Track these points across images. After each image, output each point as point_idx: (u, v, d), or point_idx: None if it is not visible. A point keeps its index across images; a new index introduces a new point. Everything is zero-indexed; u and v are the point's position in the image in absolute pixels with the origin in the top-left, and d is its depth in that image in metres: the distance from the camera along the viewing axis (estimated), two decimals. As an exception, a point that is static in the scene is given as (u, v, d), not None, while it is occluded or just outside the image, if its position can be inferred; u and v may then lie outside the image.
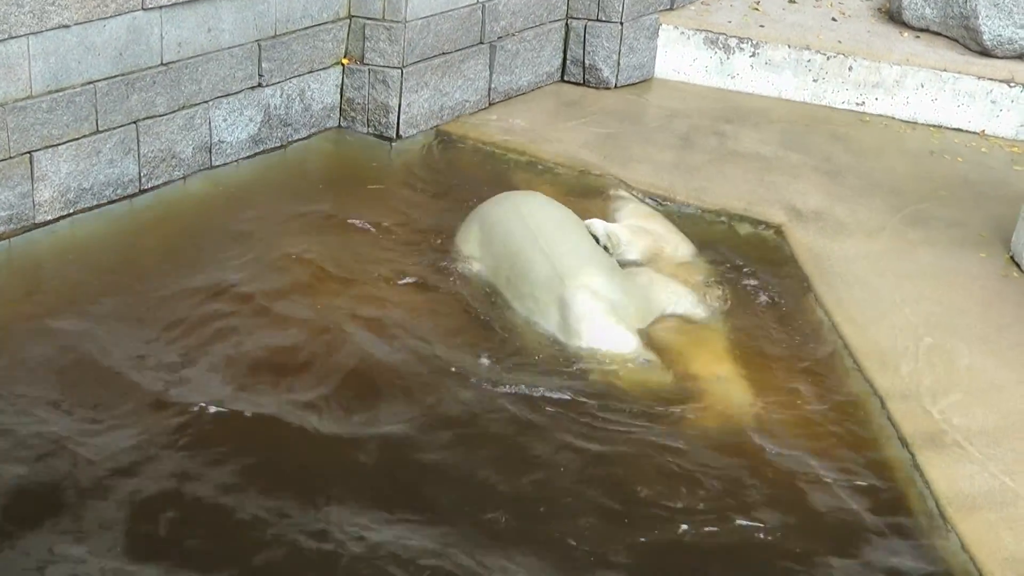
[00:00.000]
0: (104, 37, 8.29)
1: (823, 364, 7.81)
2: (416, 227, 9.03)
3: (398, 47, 9.95)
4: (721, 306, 8.25)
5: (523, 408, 7.11)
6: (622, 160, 10.11)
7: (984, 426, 7.12)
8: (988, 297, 8.49)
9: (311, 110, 9.98)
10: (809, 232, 9.22)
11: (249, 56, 9.31)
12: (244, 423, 6.83)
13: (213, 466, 6.49)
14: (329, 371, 7.34)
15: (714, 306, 8.21)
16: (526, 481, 6.60)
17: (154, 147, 8.82)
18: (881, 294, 8.44)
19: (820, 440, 7.08)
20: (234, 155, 9.46)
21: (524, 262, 8.15)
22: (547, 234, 8.25)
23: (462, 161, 10.24)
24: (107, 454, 6.48)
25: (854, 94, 11.61)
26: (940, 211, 9.70)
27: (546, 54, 11.48)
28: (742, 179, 10.01)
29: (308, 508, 6.26)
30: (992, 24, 11.49)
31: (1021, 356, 7.83)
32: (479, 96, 10.90)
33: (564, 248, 8.18)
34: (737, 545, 6.28)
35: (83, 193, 8.46)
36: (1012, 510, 6.47)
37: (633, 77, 11.85)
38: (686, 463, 6.81)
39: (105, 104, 8.41)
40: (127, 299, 7.83)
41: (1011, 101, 11.27)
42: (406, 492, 6.46)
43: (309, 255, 8.44)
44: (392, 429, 6.89)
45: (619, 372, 7.52)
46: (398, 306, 8.00)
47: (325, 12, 9.81)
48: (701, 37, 11.88)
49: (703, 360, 7.70)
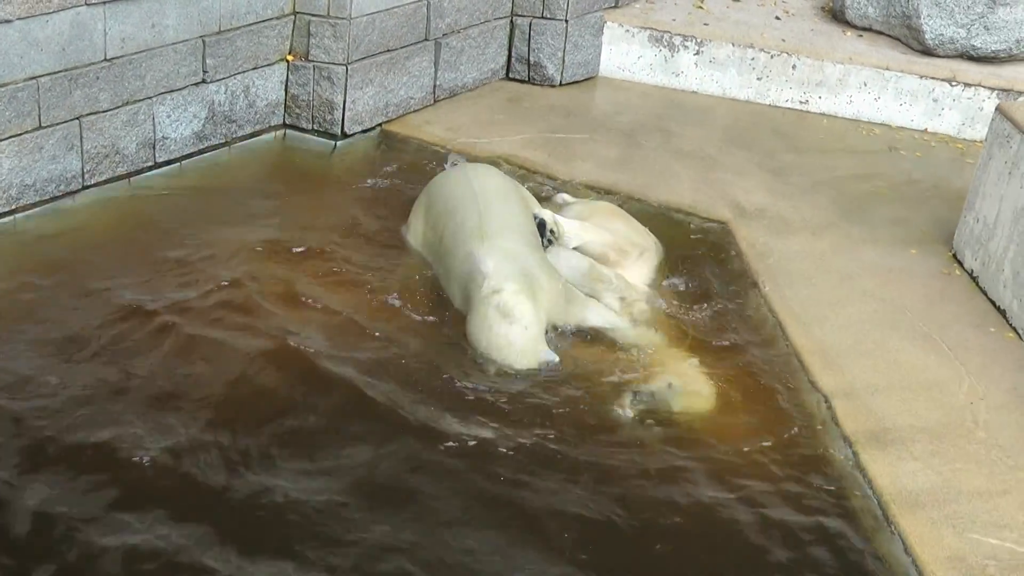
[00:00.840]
0: (47, 32, 8.21)
1: (767, 362, 7.83)
2: (359, 224, 8.99)
3: (343, 44, 9.91)
4: (663, 307, 8.27)
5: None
6: (566, 157, 10.13)
7: (926, 423, 7.17)
8: (931, 294, 8.57)
9: (256, 107, 9.93)
10: (754, 229, 9.26)
11: (193, 52, 9.24)
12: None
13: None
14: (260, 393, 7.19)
15: (642, 319, 8.16)
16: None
17: (97, 143, 8.74)
18: (825, 291, 8.49)
19: (763, 438, 7.10)
20: (178, 152, 9.40)
21: (458, 218, 8.13)
22: (488, 197, 8.22)
23: (407, 158, 10.20)
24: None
25: (798, 92, 11.68)
26: (883, 209, 9.77)
27: (491, 51, 11.47)
28: (687, 176, 10.05)
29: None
30: (934, 23, 11.59)
31: (963, 353, 7.91)
32: (424, 93, 10.88)
33: (497, 212, 8.13)
34: (677, 542, 6.29)
35: (26, 189, 8.38)
36: (954, 507, 6.51)
37: (578, 75, 11.86)
38: (623, 460, 6.84)
39: (48, 100, 8.33)
40: (58, 305, 7.71)
41: (953, 100, 11.37)
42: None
43: (249, 257, 8.36)
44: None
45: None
46: (336, 311, 7.95)
47: (270, 8, 9.76)
48: (646, 35, 11.91)
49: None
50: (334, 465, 6.57)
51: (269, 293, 8.00)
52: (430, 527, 6.19)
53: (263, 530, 6.09)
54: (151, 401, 6.88)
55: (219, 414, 6.85)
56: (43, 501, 6.08)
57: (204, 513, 6.13)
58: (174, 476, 6.35)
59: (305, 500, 6.26)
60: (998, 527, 6.40)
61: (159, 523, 6.03)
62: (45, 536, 5.90)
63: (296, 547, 5.98)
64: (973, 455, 6.94)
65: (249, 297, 7.93)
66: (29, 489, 6.14)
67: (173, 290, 7.93)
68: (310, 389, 7.15)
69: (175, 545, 5.90)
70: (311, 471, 6.49)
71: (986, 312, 8.40)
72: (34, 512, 6.02)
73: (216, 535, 5.99)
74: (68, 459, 6.38)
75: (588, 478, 6.64)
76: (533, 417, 7.07)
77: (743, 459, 6.90)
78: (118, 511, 6.07)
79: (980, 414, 7.32)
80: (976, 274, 8.73)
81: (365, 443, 6.74)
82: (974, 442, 7.05)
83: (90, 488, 6.21)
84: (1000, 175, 8.61)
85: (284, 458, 6.55)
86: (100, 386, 6.95)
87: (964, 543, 6.27)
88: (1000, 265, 8.41)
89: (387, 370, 7.36)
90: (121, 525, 6.00)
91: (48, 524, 5.96)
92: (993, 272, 8.50)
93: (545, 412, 7.13)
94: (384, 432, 6.84)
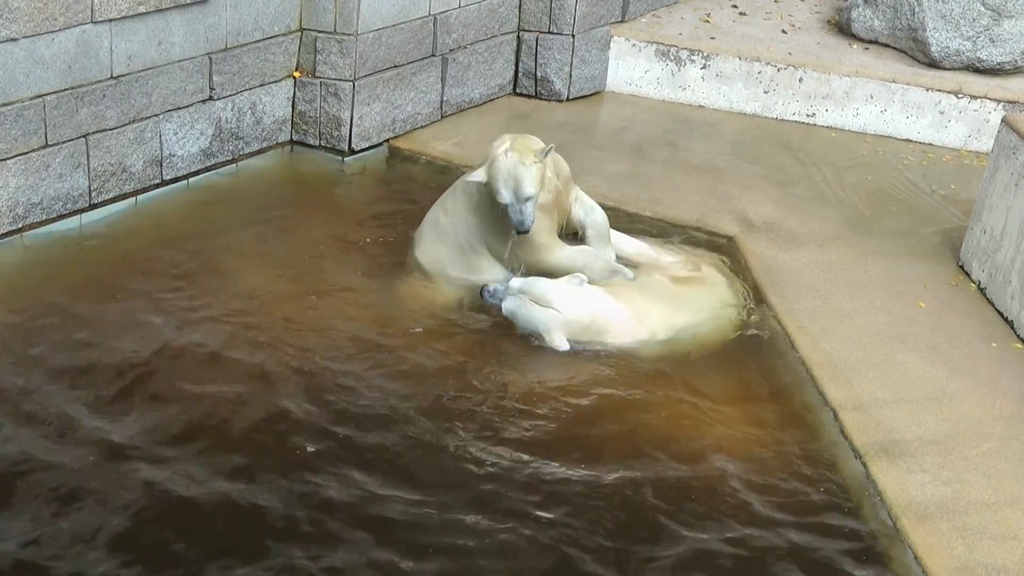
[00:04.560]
0: (53, 50, 8.23)
1: (775, 375, 7.83)
2: (369, 241, 8.99)
3: (350, 60, 9.93)
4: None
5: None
6: (574, 172, 9.97)
7: (935, 435, 7.16)
8: (938, 306, 8.55)
9: (263, 123, 9.94)
10: (761, 242, 9.25)
11: (200, 69, 9.26)
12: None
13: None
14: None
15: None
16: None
17: (104, 161, 8.76)
18: (833, 304, 8.48)
19: (772, 452, 7.09)
20: (185, 169, 9.42)
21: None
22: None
23: (414, 174, 10.23)
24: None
25: (804, 105, 11.68)
26: (890, 221, 9.77)
27: (498, 66, 11.49)
28: (694, 190, 10.05)
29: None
30: (939, 36, 11.58)
31: (971, 365, 7.89)
32: (431, 109, 10.90)
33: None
34: (686, 557, 6.28)
35: (32, 208, 8.39)
36: (964, 519, 6.50)
37: (585, 89, 11.88)
38: (638, 471, 6.84)
39: (54, 118, 8.34)
40: (65, 323, 7.69)
41: (959, 112, 11.37)
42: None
43: (260, 275, 8.37)
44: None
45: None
46: (344, 327, 7.94)
47: (276, 25, 9.78)
48: (652, 49, 11.92)
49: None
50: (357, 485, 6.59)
51: (278, 310, 8.01)
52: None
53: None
54: (156, 420, 6.89)
55: (229, 434, 6.86)
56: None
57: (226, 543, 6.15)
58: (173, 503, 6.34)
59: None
60: (1007, 538, 6.38)
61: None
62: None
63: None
64: (982, 467, 6.92)
65: (258, 314, 7.94)
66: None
67: (181, 309, 7.95)
68: (320, 408, 7.14)
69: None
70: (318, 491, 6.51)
71: (994, 323, 8.38)
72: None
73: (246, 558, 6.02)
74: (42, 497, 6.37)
75: (590, 489, 6.65)
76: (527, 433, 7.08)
77: (752, 472, 6.89)
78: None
79: (988, 426, 7.30)
80: (984, 285, 8.71)
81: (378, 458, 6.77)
82: (983, 454, 7.03)
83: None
84: (1007, 187, 8.60)
85: (293, 480, 6.57)
86: (106, 403, 6.96)
87: (973, 554, 6.26)
88: (1007, 276, 8.39)
89: (399, 385, 7.38)
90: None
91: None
92: (1000, 283, 8.48)
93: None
94: (398, 441, 6.89)
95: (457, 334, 7.98)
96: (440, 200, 8.63)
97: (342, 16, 9.84)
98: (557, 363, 7.77)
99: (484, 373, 7.57)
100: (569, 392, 7.49)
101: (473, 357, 7.73)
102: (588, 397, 7.46)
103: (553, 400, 7.39)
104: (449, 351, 7.76)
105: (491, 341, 7.92)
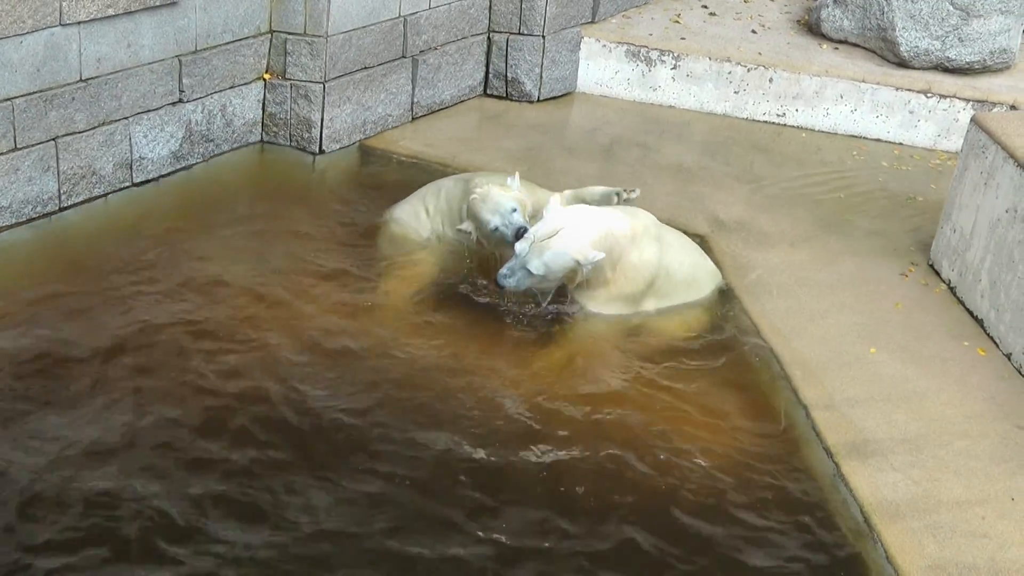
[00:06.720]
0: (21, 53, 8.18)
1: (747, 374, 7.85)
2: (341, 242, 8.98)
3: (320, 62, 9.91)
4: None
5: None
6: (545, 172, 10.13)
7: (906, 434, 7.19)
8: (909, 305, 8.58)
9: (233, 125, 9.91)
10: (732, 242, 9.28)
11: (170, 72, 9.23)
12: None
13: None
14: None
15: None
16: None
17: (74, 164, 8.72)
18: (804, 303, 8.50)
19: (743, 450, 7.11)
20: (155, 171, 9.38)
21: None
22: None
23: (385, 175, 10.21)
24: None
25: (775, 105, 11.72)
26: (861, 221, 9.80)
27: (468, 68, 11.48)
28: (665, 190, 10.07)
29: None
30: (909, 36, 11.63)
31: (942, 364, 7.93)
32: (402, 110, 10.89)
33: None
34: (656, 553, 6.28)
35: (1, 211, 8.35)
36: (935, 517, 6.52)
37: (556, 90, 11.89)
38: (609, 465, 6.86)
39: (23, 121, 8.30)
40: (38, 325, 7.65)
41: (928, 111, 11.42)
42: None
43: (231, 278, 8.32)
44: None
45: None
46: (319, 323, 7.93)
47: (246, 27, 9.75)
48: (623, 50, 11.94)
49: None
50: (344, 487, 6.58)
51: (252, 309, 7.98)
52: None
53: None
54: (129, 424, 6.85)
55: (208, 433, 6.83)
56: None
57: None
58: (146, 518, 6.26)
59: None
60: (978, 536, 6.41)
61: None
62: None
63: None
64: (952, 465, 6.95)
65: (231, 314, 7.91)
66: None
67: (148, 307, 7.90)
68: (297, 410, 7.10)
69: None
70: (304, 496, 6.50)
71: (964, 322, 8.42)
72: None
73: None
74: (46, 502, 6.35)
75: (572, 490, 6.65)
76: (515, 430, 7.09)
77: (723, 471, 6.90)
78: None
79: (959, 424, 7.33)
80: (954, 284, 8.75)
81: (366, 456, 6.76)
82: (953, 452, 7.06)
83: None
84: (976, 186, 8.64)
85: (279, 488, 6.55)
86: (83, 409, 6.92)
87: (944, 552, 6.28)
88: (977, 275, 8.43)
89: (378, 382, 7.38)
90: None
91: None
92: (970, 282, 8.52)
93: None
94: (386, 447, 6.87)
95: (429, 327, 8.00)
96: (421, 194, 8.97)
97: (312, 18, 9.82)
98: (528, 356, 7.78)
99: (451, 369, 7.58)
100: (536, 391, 7.49)
101: (442, 351, 7.76)
102: (562, 396, 7.45)
103: (522, 394, 7.40)
104: (423, 347, 7.76)
105: (467, 331, 7.97)
